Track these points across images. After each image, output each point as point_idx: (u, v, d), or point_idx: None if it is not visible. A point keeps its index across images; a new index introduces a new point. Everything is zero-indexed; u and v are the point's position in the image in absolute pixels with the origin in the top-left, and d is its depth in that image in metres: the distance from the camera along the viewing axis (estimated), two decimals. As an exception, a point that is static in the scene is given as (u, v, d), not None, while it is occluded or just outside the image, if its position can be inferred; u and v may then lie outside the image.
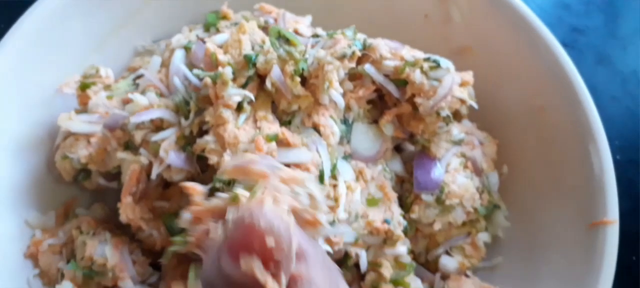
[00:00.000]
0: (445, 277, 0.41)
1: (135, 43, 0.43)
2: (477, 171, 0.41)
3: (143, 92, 0.36)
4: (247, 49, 0.35)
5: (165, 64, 0.38)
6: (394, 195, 0.38)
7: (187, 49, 0.38)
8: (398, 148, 0.42)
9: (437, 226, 0.39)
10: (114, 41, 0.43)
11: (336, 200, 0.34)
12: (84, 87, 0.38)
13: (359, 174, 0.37)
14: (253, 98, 0.34)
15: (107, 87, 0.38)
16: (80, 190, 0.40)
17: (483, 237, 0.42)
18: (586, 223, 0.38)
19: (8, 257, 0.35)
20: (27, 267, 0.36)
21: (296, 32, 0.37)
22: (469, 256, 0.41)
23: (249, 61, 0.34)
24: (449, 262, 0.40)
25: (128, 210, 0.33)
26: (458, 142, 0.41)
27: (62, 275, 0.35)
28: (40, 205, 0.38)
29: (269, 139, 0.32)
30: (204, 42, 0.37)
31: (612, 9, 0.59)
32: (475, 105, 0.39)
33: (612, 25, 0.59)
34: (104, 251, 0.34)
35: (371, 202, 0.37)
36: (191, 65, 0.37)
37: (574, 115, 0.40)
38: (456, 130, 0.42)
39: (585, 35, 0.58)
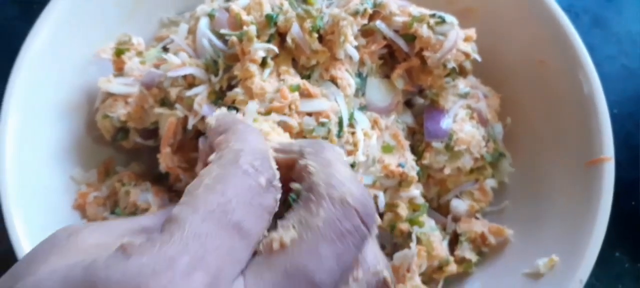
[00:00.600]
0: (456, 219, 0.44)
1: (160, 15, 0.47)
2: (483, 121, 0.44)
3: (174, 54, 0.39)
4: (267, 10, 0.38)
5: (191, 31, 0.42)
6: (406, 143, 0.41)
7: (211, 16, 0.41)
8: (409, 104, 0.45)
9: (447, 171, 0.42)
10: (139, 14, 0.46)
11: (355, 145, 0.37)
12: (118, 52, 0.41)
13: (374, 123, 0.40)
14: (277, 50, 0.37)
15: (139, 54, 0.42)
16: (117, 150, 0.43)
17: (490, 183, 0.45)
18: (584, 162, 0.41)
19: (58, 209, 0.39)
20: (75, 218, 0.39)
21: (311, -5, 0.40)
22: (477, 200, 0.44)
23: (270, 20, 0.37)
24: (459, 205, 0.44)
25: (167, 159, 0.37)
26: (464, 96, 0.44)
27: (108, 220, 0.38)
28: (83, 163, 0.41)
29: (292, 89, 0.36)
30: (227, 10, 0.40)
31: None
32: (478, 58, 0.43)
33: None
34: (147, 198, 0.37)
35: (386, 149, 0.40)
36: (215, 32, 0.40)
37: (571, 66, 0.43)
38: (462, 84, 0.45)
39: (581, 0, 0.61)
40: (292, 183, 0.24)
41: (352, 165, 0.37)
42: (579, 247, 0.38)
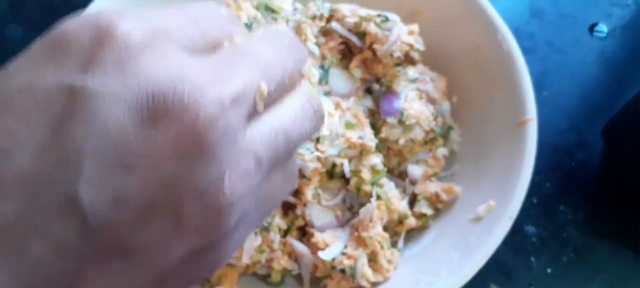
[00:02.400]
0: (413, 182, 0.52)
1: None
2: (431, 100, 0.53)
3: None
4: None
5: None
6: (366, 121, 0.50)
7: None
8: (369, 91, 0.54)
9: (401, 141, 0.51)
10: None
11: (320, 122, 0.46)
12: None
13: (337, 105, 0.49)
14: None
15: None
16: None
17: (442, 151, 0.54)
18: (514, 122, 0.49)
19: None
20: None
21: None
22: (431, 166, 0.53)
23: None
24: (415, 170, 0.52)
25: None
26: (414, 80, 0.53)
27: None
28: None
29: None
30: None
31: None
32: (422, 48, 0.52)
33: (544, -14, 0.71)
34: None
35: (348, 125, 0.49)
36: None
37: (498, 47, 0.52)
38: (412, 71, 0.54)
39: (522, -3, 0.71)
40: None
41: (318, 139, 0.46)
42: (510, 191, 0.46)
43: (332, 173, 0.49)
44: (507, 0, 0.70)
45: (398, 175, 0.54)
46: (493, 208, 0.47)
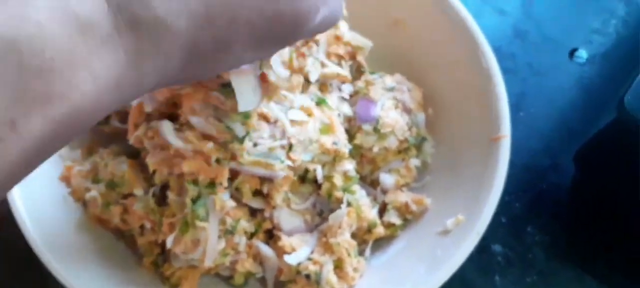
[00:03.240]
0: (384, 191, 0.52)
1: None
2: (406, 110, 0.53)
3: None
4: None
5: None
6: (340, 127, 0.50)
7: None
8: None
9: (375, 149, 0.51)
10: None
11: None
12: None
13: (310, 113, 0.48)
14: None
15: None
16: (99, 135, 0.51)
17: (415, 162, 0.53)
18: (488, 139, 0.49)
19: (48, 179, 0.47)
20: (61, 187, 0.47)
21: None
22: (403, 176, 0.53)
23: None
24: (386, 179, 0.52)
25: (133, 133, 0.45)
26: (390, 89, 0.53)
27: (89, 189, 0.46)
28: (69, 144, 0.49)
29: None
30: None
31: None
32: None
33: (528, 7, 0.72)
34: (121, 168, 0.45)
35: (322, 130, 0.48)
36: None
37: (479, 65, 0.52)
38: (389, 80, 0.54)
39: (506, 16, 0.71)
40: None
41: (291, 146, 0.45)
42: (479, 207, 0.46)
43: (304, 177, 0.49)
44: (492, 19, 0.71)
45: (370, 183, 0.53)
46: (462, 223, 0.47)
